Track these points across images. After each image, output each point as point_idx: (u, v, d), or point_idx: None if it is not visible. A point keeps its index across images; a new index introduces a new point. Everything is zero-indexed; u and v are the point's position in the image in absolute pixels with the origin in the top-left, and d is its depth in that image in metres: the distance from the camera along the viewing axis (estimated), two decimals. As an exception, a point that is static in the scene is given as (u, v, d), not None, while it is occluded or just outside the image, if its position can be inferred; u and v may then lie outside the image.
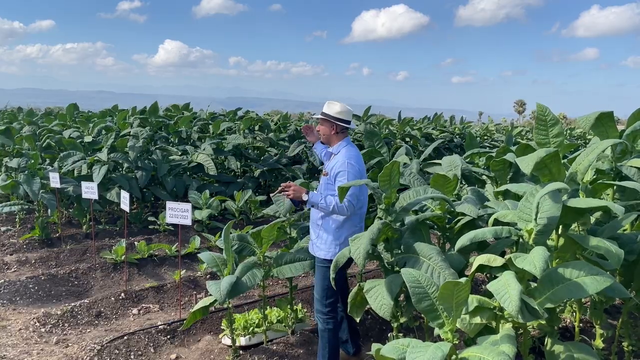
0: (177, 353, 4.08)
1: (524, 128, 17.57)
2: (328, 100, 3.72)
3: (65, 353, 4.02)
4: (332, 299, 3.55)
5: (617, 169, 3.27)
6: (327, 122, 3.57)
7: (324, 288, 3.53)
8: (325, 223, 3.53)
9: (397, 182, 3.19)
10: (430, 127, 12.71)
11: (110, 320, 4.75)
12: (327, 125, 3.58)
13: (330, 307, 3.56)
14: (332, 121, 3.55)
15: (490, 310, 2.56)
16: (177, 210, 4.53)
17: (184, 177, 8.31)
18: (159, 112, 10.47)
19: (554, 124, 2.99)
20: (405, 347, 2.32)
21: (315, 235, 3.61)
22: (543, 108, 3.01)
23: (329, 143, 3.66)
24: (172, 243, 6.59)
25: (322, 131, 3.63)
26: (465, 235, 2.79)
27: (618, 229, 3.02)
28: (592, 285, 2.38)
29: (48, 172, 6.73)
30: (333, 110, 3.57)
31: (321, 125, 3.62)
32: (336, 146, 3.59)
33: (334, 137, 3.60)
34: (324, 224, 3.53)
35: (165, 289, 5.34)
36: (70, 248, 6.50)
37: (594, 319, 3.15)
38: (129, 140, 7.63)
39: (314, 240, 3.63)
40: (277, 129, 11.36)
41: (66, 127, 9.51)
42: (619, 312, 3.67)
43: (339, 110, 3.57)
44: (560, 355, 2.60)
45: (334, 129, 3.57)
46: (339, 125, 3.56)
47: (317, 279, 3.62)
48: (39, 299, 5.20)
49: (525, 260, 2.40)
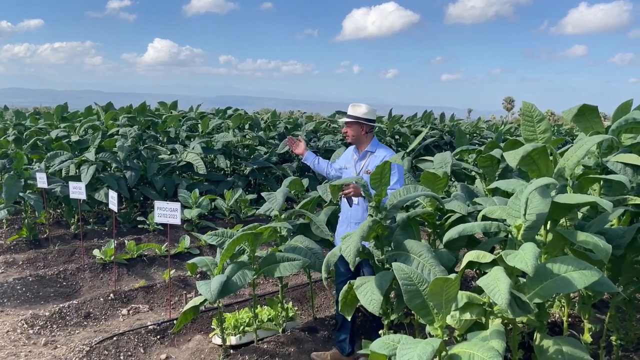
0: (167, 353, 4.05)
1: (513, 125, 17.68)
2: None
3: (53, 355, 3.98)
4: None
5: (602, 165, 3.30)
6: (357, 124, 3.77)
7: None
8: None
9: (388, 180, 3.20)
10: (420, 124, 12.76)
11: (99, 321, 4.71)
12: (356, 127, 3.77)
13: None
14: (362, 122, 3.75)
15: (479, 306, 2.57)
16: (166, 210, 4.50)
17: (173, 177, 8.27)
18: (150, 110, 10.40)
19: (540, 120, 3.01)
20: (396, 343, 2.33)
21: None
22: (529, 105, 3.03)
23: (358, 143, 3.85)
24: (162, 243, 6.56)
25: (351, 133, 3.81)
26: (453, 229, 2.80)
27: (605, 224, 3.05)
28: (580, 280, 2.40)
29: (35, 172, 6.65)
30: (360, 112, 3.78)
31: (349, 127, 3.82)
32: (370, 145, 3.81)
33: (364, 137, 3.81)
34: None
35: (155, 289, 5.30)
36: (59, 249, 6.44)
37: (583, 313, 3.17)
38: (117, 140, 7.57)
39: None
40: (267, 127, 11.34)
41: (53, 127, 9.42)
42: (607, 306, 3.71)
43: (366, 111, 3.78)
44: (549, 350, 2.61)
45: (364, 130, 3.78)
46: (367, 125, 3.77)
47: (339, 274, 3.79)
48: (27, 300, 5.14)
49: (517, 257, 2.41)
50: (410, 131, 11.33)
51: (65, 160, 7.20)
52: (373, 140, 3.84)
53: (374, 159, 3.75)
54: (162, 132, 9.68)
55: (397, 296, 3.33)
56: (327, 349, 4.00)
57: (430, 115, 13.44)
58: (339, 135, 11.20)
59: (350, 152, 4.00)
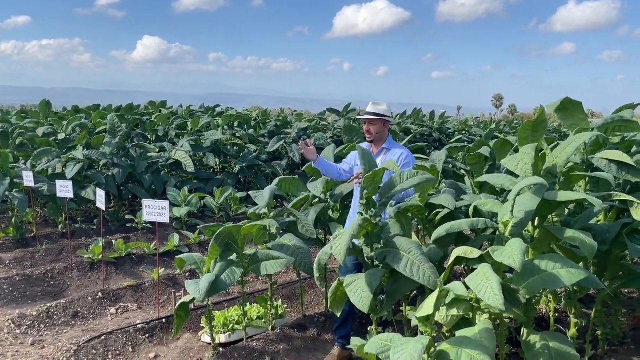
0: (156, 352, 4.04)
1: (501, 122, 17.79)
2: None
3: (41, 354, 3.94)
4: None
5: (588, 161, 3.33)
6: (380, 121, 3.84)
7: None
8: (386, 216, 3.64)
9: (380, 180, 3.19)
10: (409, 121, 12.79)
11: (87, 320, 4.68)
12: (380, 123, 3.85)
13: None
14: (386, 119, 3.85)
15: (466, 302, 2.58)
16: (155, 208, 4.47)
17: (162, 175, 8.22)
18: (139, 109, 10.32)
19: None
20: (387, 343, 2.34)
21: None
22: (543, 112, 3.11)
23: (378, 141, 3.90)
24: (151, 241, 6.52)
25: (374, 130, 3.86)
26: (442, 226, 2.82)
27: (591, 220, 3.09)
28: (567, 277, 2.42)
29: (21, 170, 6.58)
30: (383, 110, 3.86)
31: (373, 125, 3.85)
32: (386, 142, 3.90)
33: (385, 134, 3.91)
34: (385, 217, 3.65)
35: (144, 288, 5.28)
36: (46, 248, 6.38)
37: (569, 308, 3.21)
38: (105, 137, 7.51)
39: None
40: (257, 125, 11.32)
41: (40, 125, 9.33)
42: (593, 301, 3.74)
43: (386, 108, 3.89)
44: (536, 344, 2.64)
45: (386, 126, 3.90)
46: (389, 122, 3.90)
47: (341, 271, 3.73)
48: (14, 300, 5.09)
49: (504, 253, 2.42)
50: (400, 129, 11.36)
51: (52, 159, 7.13)
52: (389, 138, 3.93)
53: (390, 155, 3.83)
54: (150, 130, 9.62)
55: (387, 293, 3.35)
56: (316, 346, 4.01)
57: (419, 112, 13.48)
58: (329, 133, 11.19)
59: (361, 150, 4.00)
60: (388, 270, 3.21)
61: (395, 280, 3.23)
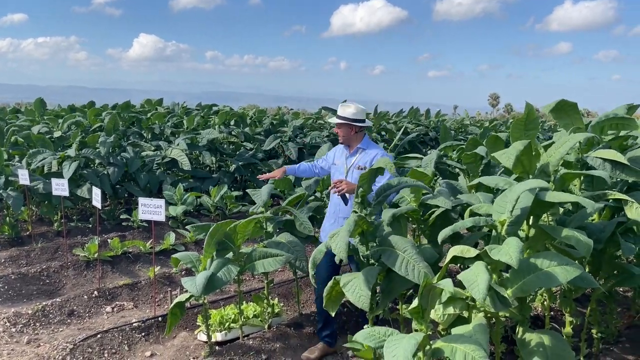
0: (152, 350, 4.04)
1: (498, 121, 17.83)
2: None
3: (36, 353, 3.93)
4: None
5: (583, 160, 3.34)
6: (346, 125, 3.78)
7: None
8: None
9: (375, 178, 3.21)
10: (406, 120, 12.80)
11: (83, 318, 4.67)
12: (345, 128, 3.79)
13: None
14: (350, 123, 3.76)
15: (462, 300, 2.60)
16: (151, 207, 4.47)
17: (157, 173, 8.20)
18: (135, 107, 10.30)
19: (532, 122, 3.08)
20: (382, 336, 2.35)
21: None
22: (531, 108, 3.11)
23: (349, 143, 3.86)
24: (147, 240, 6.51)
25: (341, 134, 3.83)
26: (448, 228, 2.83)
27: (586, 219, 3.10)
28: (562, 275, 2.43)
29: (17, 169, 6.56)
30: (349, 113, 3.78)
31: (339, 128, 3.83)
32: (361, 143, 3.83)
33: (353, 137, 3.83)
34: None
35: (140, 286, 5.27)
36: (41, 246, 6.36)
37: (564, 307, 3.22)
38: (100, 136, 7.49)
39: None
40: (253, 124, 11.30)
41: (35, 123, 9.29)
42: (588, 300, 3.76)
43: (354, 111, 3.77)
44: (531, 343, 2.65)
45: (353, 130, 3.80)
46: (357, 125, 3.77)
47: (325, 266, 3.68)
48: (9, 298, 5.07)
49: (501, 251, 2.44)
50: (396, 127, 11.37)
51: (47, 157, 7.11)
52: (364, 139, 3.86)
53: (364, 156, 3.78)
54: (146, 128, 9.59)
55: (383, 291, 3.35)
56: (312, 344, 4.01)
57: (417, 111, 13.49)
58: (325, 132, 11.19)
59: (340, 148, 4.02)
60: (384, 268, 3.22)
61: (390, 278, 3.24)
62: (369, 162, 3.73)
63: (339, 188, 3.48)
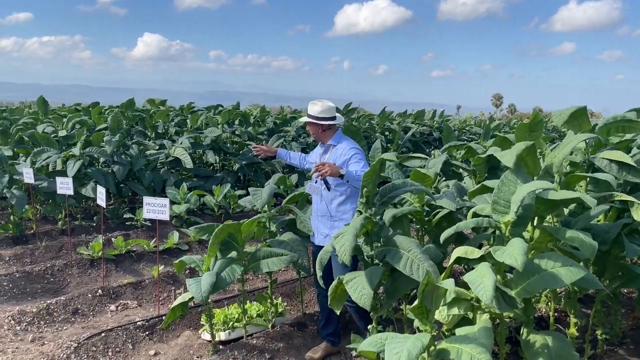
0: (156, 349, 4.05)
1: (501, 122, 17.80)
2: (311, 99, 3.91)
3: (41, 351, 3.95)
4: None
5: (589, 162, 3.34)
6: (313, 123, 3.78)
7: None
8: (342, 214, 3.66)
9: (379, 176, 3.21)
10: (409, 120, 12.80)
11: (87, 317, 4.68)
12: (313, 126, 3.80)
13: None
14: (316, 122, 3.75)
15: (467, 301, 2.59)
16: (155, 206, 4.48)
17: (161, 172, 8.22)
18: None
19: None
20: (384, 341, 2.35)
21: (329, 227, 3.72)
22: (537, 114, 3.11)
23: (320, 140, 3.87)
24: (150, 238, 6.52)
25: (311, 132, 3.85)
26: (450, 228, 2.83)
27: (591, 220, 3.09)
28: (566, 276, 2.43)
29: (21, 167, 6.57)
30: (315, 111, 3.76)
31: (309, 127, 3.85)
32: (332, 139, 3.79)
33: (322, 135, 3.81)
34: (342, 215, 3.65)
35: (144, 285, 5.28)
36: (46, 245, 6.38)
37: (568, 308, 3.22)
38: (104, 135, 7.50)
39: (328, 233, 3.71)
40: (256, 123, 11.31)
41: (39, 122, 9.31)
42: (592, 301, 3.76)
43: (320, 109, 3.74)
44: (536, 344, 2.65)
45: (320, 128, 3.78)
46: (323, 124, 3.75)
47: (339, 270, 3.59)
48: (14, 296, 5.09)
49: (505, 253, 2.43)
50: (400, 128, 11.37)
51: (52, 156, 7.13)
52: (335, 135, 3.80)
53: (334, 152, 3.75)
54: (150, 127, 9.61)
55: (387, 291, 3.35)
56: (316, 344, 4.02)
57: (422, 113, 13.46)
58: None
59: (317, 149, 4.04)
60: (388, 268, 3.22)
61: (395, 278, 3.24)
62: (338, 157, 3.68)
63: (322, 171, 3.32)
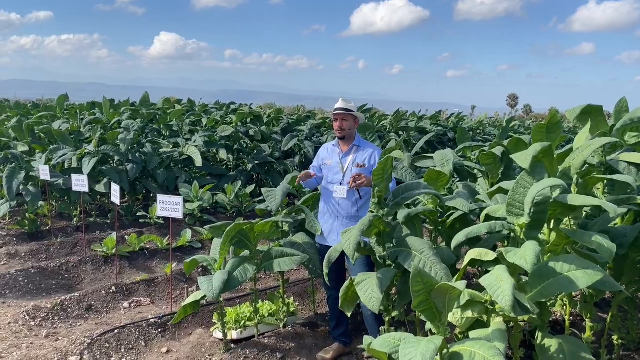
0: (168, 347, 4.06)
1: (517, 122, 17.63)
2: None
3: (55, 347, 3.99)
4: None
5: (607, 163, 3.28)
6: (352, 116, 3.85)
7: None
8: (363, 214, 3.65)
9: (390, 175, 3.19)
10: (427, 122, 12.74)
11: (101, 313, 4.72)
12: (351, 119, 3.85)
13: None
14: (356, 115, 3.87)
15: (481, 304, 2.56)
16: (169, 204, 4.50)
17: (175, 170, 8.26)
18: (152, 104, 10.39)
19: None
20: (397, 341, 2.32)
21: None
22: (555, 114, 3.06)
23: (348, 138, 3.89)
24: (164, 236, 6.56)
25: (347, 126, 3.86)
26: (461, 232, 2.79)
27: (609, 223, 3.03)
28: (583, 279, 2.38)
29: (38, 164, 6.65)
30: (352, 106, 3.86)
31: (345, 120, 3.84)
32: (356, 140, 3.90)
33: (354, 130, 3.91)
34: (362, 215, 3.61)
35: (157, 283, 5.31)
36: (61, 241, 6.45)
37: (585, 312, 3.17)
38: (119, 133, 7.56)
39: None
40: (270, 122, 11.33)
41: (56, 119, 9.42)
42: (608, 305, 3.69)
43: (354, 105, 3.89)
44: (551, 348, 2.61)
45: (357, 123, 3.91)
46: (359, 117, 3.92)
47: (356, 272, 3.57)
48: (29, 292, 5.15)
49: (517, 255, 2.40)
50: (416, 128, 11.30)
51: (67, 153, 7.20)
52: (358, 136, 3.94)
53: (362, 153, 3.82)
54: (164, 125, 9.67)
55: (399, 293, 3.33)
56: (327, 344, 4.01)
57: (439, 114, 13.36)
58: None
59: (330, 147, 4.00)
60: (400, 270, 3.20)
61: (407, 280, 3.20)
62: (368, 159, 3.77)
63: (359, 182, 3.48)
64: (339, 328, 3.94)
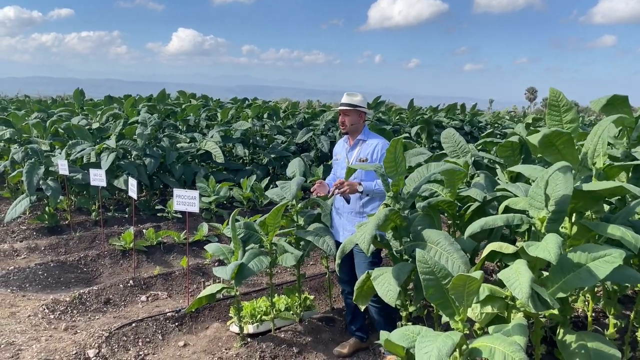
0: (185, 340, 4.08)
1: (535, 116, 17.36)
2: (341, 93, 3.88)
3: (73, 340, 4.02)
4: None
5: (631, 155, 3.19)
6: (355, 112, 3.73)
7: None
8: (371, 210, 3.62)
9: (404, 168, 3.12)
10: (442, 115, 12.61)
11: (118, 307, 4.76)
12: (354, 114, 3.74)
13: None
14: (360, 110, 3.74)
15: (501, 299, 2.51)
16: (185, 198, 4.51)
17: (192, 165, 8.30)
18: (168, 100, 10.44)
19: (567, 110, 2.91)
20: (415, 335, 2.29)
21: (354, 225, 3.64)
22: (556, 93, 2.93)
23: (353, 132, 3.80)
24: (180, 230, 6.59)
25: (349, 122, 3.76)
26: (475, 222, 2.73)
27: (631, 216, 2.95)
28: (603, 268, 2.31)
29: (57, 159, 6.72)
30: (358, 101, 3.74)
31: (347, 116, 3.76)
32: (362, 134, 3.78)
33: (361, 125, 3.79)
34: (371, 212, 3.59)
35: (174, 277, 5.34)
36: (80, 235, 6.52)
37: (608, 308, 3.09)
38: (137, 128, 7.61)
39: (354, 230, 3.61)
40: (286, 117, 11.32)
41: (74, 114, 9.52)
42: (632, 302, 3.61)
43: (361, 99, 3.77)
44: (573, 344, 2.55)
45: (362, 118, 3.78)
46: (364, 113, 3.78)
47: (362, 267, 3.62)
48: (48, 285, 5.22)
49: (539, 247, 2.34)
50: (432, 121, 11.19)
51: (86, 148, 7.26)
52: (365, 129, 3.82)
53: (365, 147, 3.72)
54: (181, 120, 9.71)
55: (416, 288, 3.29)
56: (344, 339, 3.99)
57: (454, 107, 13.22)
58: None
59: (341, 143, 3.97)
60: (417, 264, 3.15)
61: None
62: (371, 153, 3.67)
63: (342, 190, 3.46)
64: (355, 323, 3.91)
